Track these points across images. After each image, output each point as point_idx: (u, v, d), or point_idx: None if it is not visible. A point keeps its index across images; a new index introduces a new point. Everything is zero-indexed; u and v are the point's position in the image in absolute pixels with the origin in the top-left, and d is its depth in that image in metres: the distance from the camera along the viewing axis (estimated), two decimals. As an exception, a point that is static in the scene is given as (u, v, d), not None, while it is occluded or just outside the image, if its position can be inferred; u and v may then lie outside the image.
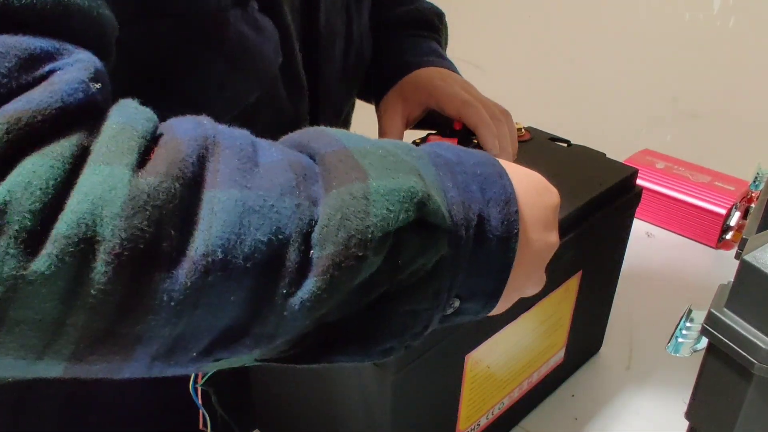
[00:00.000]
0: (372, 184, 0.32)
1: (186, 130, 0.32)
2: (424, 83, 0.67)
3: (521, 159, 0.65)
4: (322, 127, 0.37)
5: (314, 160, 0.34)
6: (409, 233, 0.33)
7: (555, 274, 0.58)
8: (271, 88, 0.57)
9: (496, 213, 0.37)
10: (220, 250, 0.29)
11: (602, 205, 0.60)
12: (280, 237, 0.30)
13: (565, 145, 0.68)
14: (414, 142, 0.63)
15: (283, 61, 0.57)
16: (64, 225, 0.26)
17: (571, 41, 1.66)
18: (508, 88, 1.69)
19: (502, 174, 0.39)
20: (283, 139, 0.37)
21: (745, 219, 0.90)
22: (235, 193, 0.30)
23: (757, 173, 0.98)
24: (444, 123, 0.67)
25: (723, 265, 0.87)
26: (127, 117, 0.31)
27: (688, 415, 0.56)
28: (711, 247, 0.90)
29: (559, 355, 0.65)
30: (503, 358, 0.56)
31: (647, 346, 0.74)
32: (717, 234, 0.89)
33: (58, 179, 0.27)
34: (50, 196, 0.27)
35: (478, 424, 0.57)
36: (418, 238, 0.34)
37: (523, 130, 0.70)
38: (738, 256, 0.49)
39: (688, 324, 0.77)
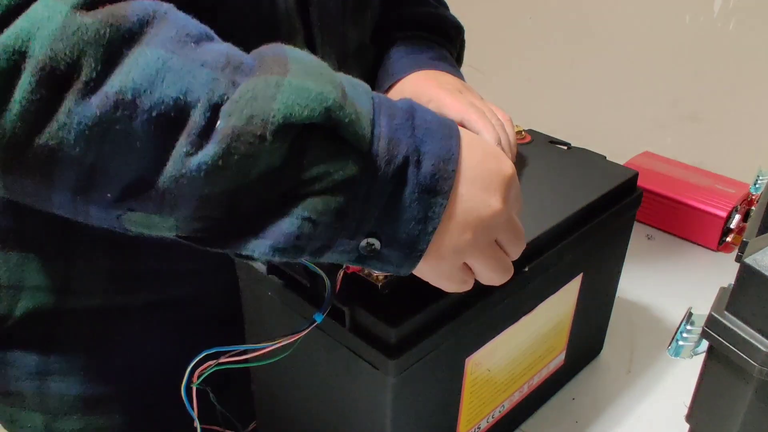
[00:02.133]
0: (288, 78, 0.36)
1: (142, 2, 0.36)
2: (426, 85, 0.67)
3: (522, 162, 0.64)
4: (284, 45, 0.40)
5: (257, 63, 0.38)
6: (316, 138, 0.36)
7: (556, 277, 0.58)
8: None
9: (429, 165, 0.39)
10: (131, 92, 0.34)
11: (603, 207, 0.60)
12: (188, 99, 0.34)
13: (566, 147, 0.68)
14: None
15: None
16: (4, 36, 0.32)
17: (571, 44, 1.66)
18: (509, 91, 1.70)
19: (453, 136, 0.41)
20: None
21: (746, 222, 0.90)
22: (161, 52, 0.35)
23: (758, 176, 0.98)
24: None
25: (723, 268, 0.87)
26: None
27: (689, 418, 0.56)
28: (711, 249, 0.90)
29: (559, 358, 0.65)
30: (504, 362, 0.56)
31: (648, 349, 0.74)
32: (717, 237, 0.89)
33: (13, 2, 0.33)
34: (2, 13, 0.33)
35: (479, 428, 0.57)
36: (326, 144, 0.37)
37: (523, 132, 0.70)
38: (738, 259, 0.49)
39: (688, 327, 0.77)
